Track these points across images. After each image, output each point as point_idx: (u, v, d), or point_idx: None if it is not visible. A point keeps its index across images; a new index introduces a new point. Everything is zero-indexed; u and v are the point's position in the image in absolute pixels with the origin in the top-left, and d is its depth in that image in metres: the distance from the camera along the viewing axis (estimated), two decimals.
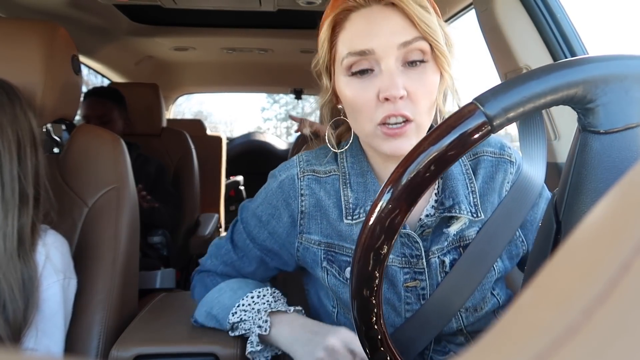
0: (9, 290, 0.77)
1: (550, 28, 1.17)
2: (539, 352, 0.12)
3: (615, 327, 0.12)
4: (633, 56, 0.41)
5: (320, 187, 0.77)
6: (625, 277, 0.12)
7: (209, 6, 1.80)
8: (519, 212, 0.75)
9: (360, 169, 0.76)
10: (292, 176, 0.78)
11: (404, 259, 0.73)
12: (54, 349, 0.85)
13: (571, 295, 0.13)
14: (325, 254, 0.76)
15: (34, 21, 0.99)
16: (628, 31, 4.76)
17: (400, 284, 0.74)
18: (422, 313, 0.73)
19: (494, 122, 0.42)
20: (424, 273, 0.73)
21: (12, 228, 0.79)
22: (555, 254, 0.15)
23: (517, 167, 0.77)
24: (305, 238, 0.78)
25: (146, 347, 0.83)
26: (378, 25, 0.64)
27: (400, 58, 0.64)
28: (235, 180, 3.49)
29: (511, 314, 0.14)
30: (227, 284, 0.83)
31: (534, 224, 0.78)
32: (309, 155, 0.80)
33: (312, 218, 0.77)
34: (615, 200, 0.15)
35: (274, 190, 0.79)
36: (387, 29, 0.63)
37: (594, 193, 0.42)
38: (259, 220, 0.81)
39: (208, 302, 0.83)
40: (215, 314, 0.81)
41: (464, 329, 0.76)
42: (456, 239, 0.74)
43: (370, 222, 0.47)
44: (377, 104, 0.65)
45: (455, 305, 0.72)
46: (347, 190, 0.75)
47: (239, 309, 0.78)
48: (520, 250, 0.78)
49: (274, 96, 11.72)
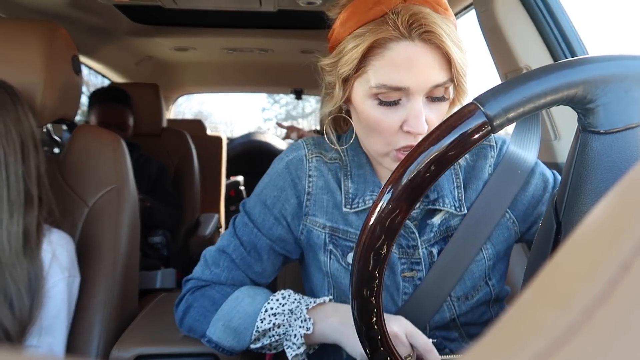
0: (16, 288, 0.77)
1: (550, 28, 1.17)
2: (539, 352, 0.12)
3: (616, 327, 0.12)
4: (633, 56, 0.41)
5: (328, 170, 0.77)
6: (626, 277, 0.12)
7: (209, 6, 1.80)
8: (506, 193, 0.75)
9: (360, 161, 0.77)
10: (300, 156, 0.78)
11: (401, 250, 0.75)
12: (56, 347, 0.85)
13: (571, 295, 0.13)
14: (330, 238, 0.76)
15: (34, 21, 0.99)
16: (628, 31, 4.76)
17: (399, 273, 0.75)
18: (414, 300, 0.74)
19: (494, 122, 0.42)
20: (420, 263, 0.75)
21: (18, 227, 0.80)
22: (556, 254, 0.15)
23: (498, 149, 0.79)
24: (310, 220, 0.77)
25: (147, 348, 0.83)
26: (416, 63, 0.62)
27: (427, 93, 0.65)
28: (236, 181, 3.48)
29: (511, 314, 0.14)
30: (241, 292, 0.77)
31: (524, 201, 0.77)
32: (314, 140, 0.81)
33: (318, 200, 0.77)
34: (616, 200, 0.15)
35: (280, 170, 0.78)
36: (424, 69, 0.62)
37: (594, 193, 0.42)
38: (264, 205, 0.78)
39: (225, 314, 0.75)
40: (236, 325, 0.74)
41: (457, 319, 0.77)
42: (442, 230, 0.76)
43: (371, 223, 0.47)
44: (399, 132, 0.66)
45: (445, 291, 0.74)
46: (347, 181, 0.76)
47: (267, 314, 0.73)
48: (512, 232, 0.78)
49: (274, 96, 11.70)
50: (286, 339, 0.73)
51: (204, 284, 0.80)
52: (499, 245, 0.77)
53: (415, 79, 0.62)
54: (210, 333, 0.75)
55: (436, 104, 0.66)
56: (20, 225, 0.80)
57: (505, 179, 0.76)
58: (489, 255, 0.76)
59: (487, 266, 0.76)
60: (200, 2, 1.75)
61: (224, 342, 0.75)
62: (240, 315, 0.74)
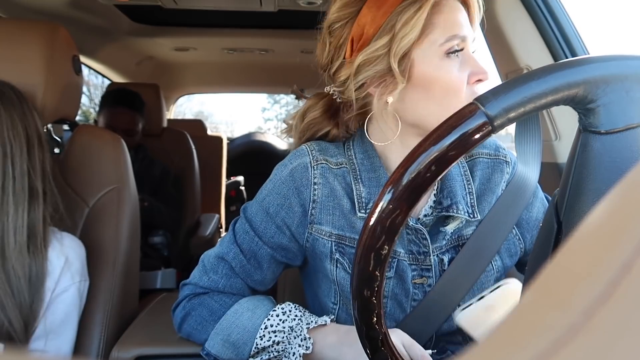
0: (17, 282, 0.78)
1: (551, 28, 1.17)
2: (540, 352, 0.12)
3: (617, 328, 0.12)
4: (634, 56, 0.41)
5: (333, 177, 0.75)
6: (627, 277, 0.12)
7: (209, 6, 1.80)
8: (515, 210, 0.77)
9: (371, 165, 0.76)
10: (304, 164, 0.76)
11: (412, 256, 0.75)
12: (64, 349, 0.87)
13: (572, 296, 0.13)
14: (337, 246, 0.75)
15: (34, 21, 0.99)
16: (629, 31, 4.76)
17: (409, 280, 0.75)
18: (423, 308, 0.74)
19: (494, 122, 0.42)
20: (431, 270, 0.75)
21: (23, 221, 0.81)
22: (556, 254, 0.15)
23: (512, 166, 0.80)
24: (316, 229, 0.75)
25: (147, 348, 0.83)
26: (462, 13, 0.71)
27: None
28: (236, 181, 3.48)
29: (512, 315, 0.14)
30: (240, 305, 0.76)
31: (529, 222, 0.80)
32: (318, 146, 0.78)
33: (324, 208, 0.75)
34: (616, 200, 0.15)
35: (283, 178, 0.76)
36: (467, 20, 0.71)
37: (595, 193, 0.42)
38: (266, 213, 0.76)
39: (224, 329, 0.74)
40: (235, 340, 0.73)
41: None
42: (454, 238, 0.76)
43: (371, 223, 0.47)
44: (469, 86, 0.70)
45: (454, 301, 0.74)
46: (358, 185, 0.75)
47: (266, 331, 0.72)
48: (517, 248, 0.80)
49: (274, 96, 11.71)
50: (285, 356, 0.72)
51: (202, 291, 0.80)
52: (506, 259, 0.78)
53: (468, 27, 0.70)
54: (209, 346, 0.75)
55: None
56: (25, 219, 0.81)
57: (514, 197, 0.78)
58: (497, 268, 0.77)
59: (496, 278, 0.76)
60: (200, 2, 1.75)
61: (222, 356, 0.74)
62: (240, 330, 0.73)
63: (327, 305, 0.80)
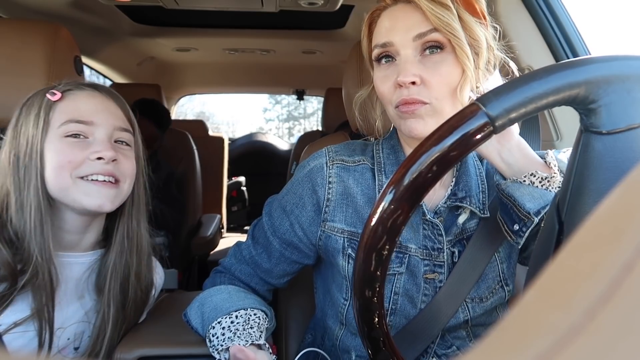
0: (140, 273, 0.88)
1: (552, 28, 1.17)
2: (542, 352, 0.12)
3: (619, 328, 0.12)
4: (635, 57, 0.41)
5: (349, 175, 0.79)
6: (628, 277, 0.12)
7: (210, 7, 1.80)
8: None
9: (396, 159, 0.80)
10: (321, 164, 0.81)
11: (425, 252, 0.76)
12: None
13: (574, 296, 0.13)
14: (349, 242, 0.78)
15: (36, 22, 0.99)
16: (630, 31, 4.75)
17: (420, 275, 0.76)
18: (435, 303, 0.75)
19: (496, 122, 0.42)
20: (443, 266, 0.76)
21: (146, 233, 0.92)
22: (558, 254, 0.15)
23: None
24: (329, 226, 0.79)
25: (149, 349, 0.83)
26: (399, 21, 0.71)
27: (418, 48, 0.70)
28: (237, 181, 3.48)
29: (514, 315, 0.15)
30: (227, 287, 0.84)
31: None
32: (337, 147, 0.84)
33: (338, 206, 0.79)
34: (618, 200, 0.15)
35: (301, 178, 0.82)
36: (404, 24, 0.70)
37: (596, 194, 0.42)
38: (282, 210, 0.83)
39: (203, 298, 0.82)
40: (204, 311, 0.79)
41: (470, 321, 0.78)
42: (459, 232, 0.77)
43: (373, 223, 0.47)
44: (396, 89, 0.71)
45: (463, 293, 0.75)
46: (382, 177, 0.78)
47: (221, 324, 0.75)
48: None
49: (276, 97, 11.72)
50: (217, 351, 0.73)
51: (222, 270, 0.91)
52: (507, 248, 0.79)
53: (396, 33, 0.71)
54: (188, 309, 0.83)
55: (431, 58, 0.69)
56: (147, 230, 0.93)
57: None
58: (500, 258, 0.77)
59: (500, 268, 0.77)
60: (201, 2, 1.75)
61: (192, 322, 0.81)
62: (212, 305, 0.79)
63: (338, 301, 0.82)
